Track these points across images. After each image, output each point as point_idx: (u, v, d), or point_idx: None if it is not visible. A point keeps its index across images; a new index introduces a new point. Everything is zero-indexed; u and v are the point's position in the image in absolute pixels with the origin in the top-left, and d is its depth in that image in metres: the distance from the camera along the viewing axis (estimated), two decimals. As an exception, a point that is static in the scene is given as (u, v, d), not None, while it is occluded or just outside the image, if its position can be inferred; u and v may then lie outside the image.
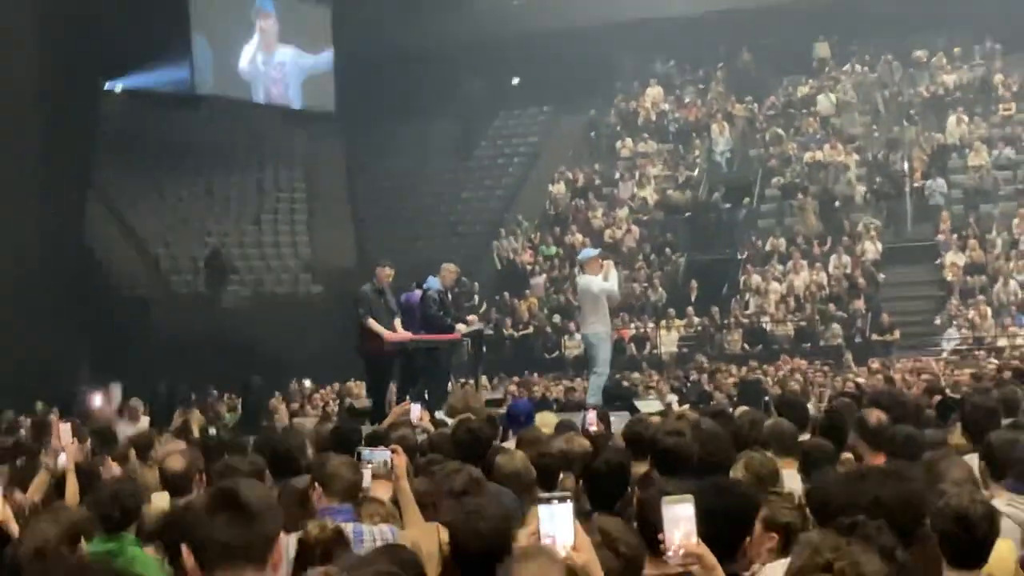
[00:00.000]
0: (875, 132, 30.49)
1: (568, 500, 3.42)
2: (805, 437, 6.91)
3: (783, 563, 3.49)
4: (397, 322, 13.40)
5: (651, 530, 3.79)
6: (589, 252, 14.76)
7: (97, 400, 13.36)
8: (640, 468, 5.96)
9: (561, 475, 6.22)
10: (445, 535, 4.07)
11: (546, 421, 9.04)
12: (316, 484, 5.36)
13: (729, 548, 3.90)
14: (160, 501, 5.82)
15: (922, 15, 30.53)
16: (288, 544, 5.01)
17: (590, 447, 6.90)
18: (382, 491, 5.63)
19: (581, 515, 3.85)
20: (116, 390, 7.20)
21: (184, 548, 2.86)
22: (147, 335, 25.39)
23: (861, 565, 3.03)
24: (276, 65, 32.32)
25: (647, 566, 3.98)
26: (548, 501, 3.43)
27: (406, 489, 5.43)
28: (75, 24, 24.56)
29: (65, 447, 6.75)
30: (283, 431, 8.92)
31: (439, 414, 10.93)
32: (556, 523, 3.39)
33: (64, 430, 6.97)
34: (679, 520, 3.46)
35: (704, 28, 32.13)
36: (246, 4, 31.63)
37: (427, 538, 4.62)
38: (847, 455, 6.59)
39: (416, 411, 9.44)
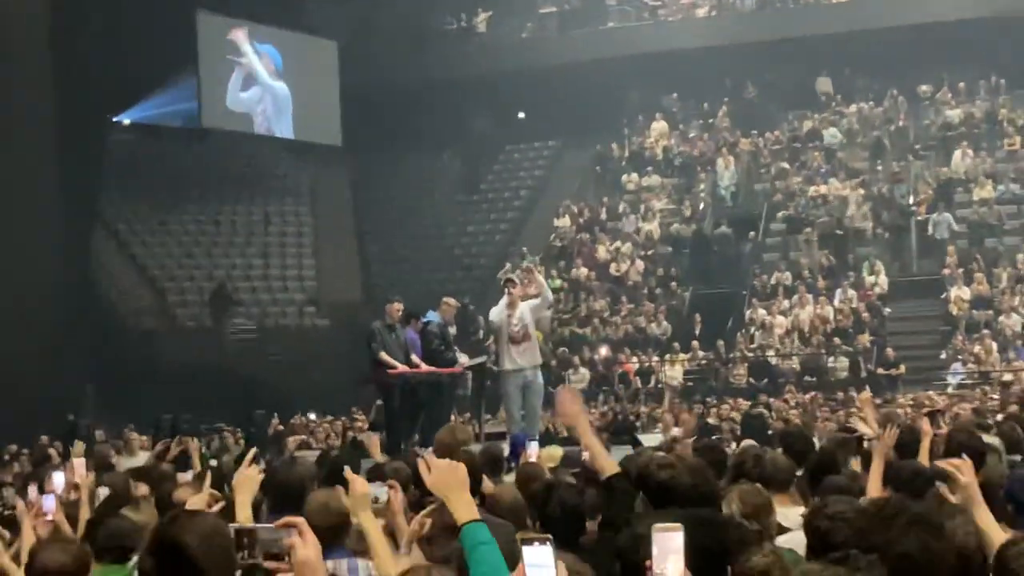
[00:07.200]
0: (879, 166, 30.52)
1: (548, 542, 3.38)
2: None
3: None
4: (413, 356, 13.43)
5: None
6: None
7: (99, 435, 13.40)
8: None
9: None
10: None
11: (551, 455, 8.94)
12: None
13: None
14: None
15: (927, 50, 30.59)
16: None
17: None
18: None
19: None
20: (59, 478, 7.28)
21: None
22: (152, 368, 25.41)
23: None
24: (273, 98, 32.31)
25: None
26: (530, 542, 3.40)
27: (402, 524, 5.40)
28: (85, 57, 24.72)
29: (80, 481, 6.88)
30: (284, 464, 8.85)
31: (430, 450, 10.86)
32: (538, 565, 3.37)
33: (78, 464, 7.14)
34: (670, 550, 3.41)
35: (709, 63, 32.19)
36: (248, 40, 31.73)
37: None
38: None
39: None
